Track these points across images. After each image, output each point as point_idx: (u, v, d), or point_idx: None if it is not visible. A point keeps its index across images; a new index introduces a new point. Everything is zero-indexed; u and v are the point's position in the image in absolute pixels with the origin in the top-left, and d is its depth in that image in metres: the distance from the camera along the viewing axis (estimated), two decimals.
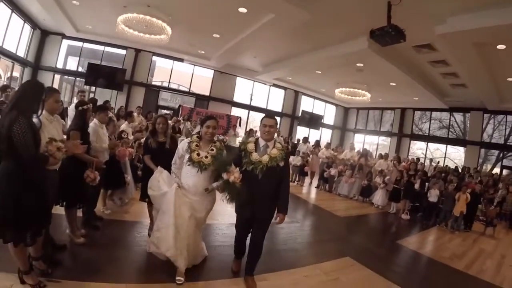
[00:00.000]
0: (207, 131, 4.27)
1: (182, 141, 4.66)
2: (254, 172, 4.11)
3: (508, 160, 18.67)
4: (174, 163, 4.45)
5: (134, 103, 17.57)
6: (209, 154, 4.21)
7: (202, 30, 13.64)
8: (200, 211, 4.31)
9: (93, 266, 4.21)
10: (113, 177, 6.35)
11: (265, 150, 4.23)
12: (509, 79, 13.21)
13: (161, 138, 5.48)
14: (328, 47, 13.49)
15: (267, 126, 4.28)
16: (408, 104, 21.50)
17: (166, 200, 4.13)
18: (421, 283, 5.87)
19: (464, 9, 8.62)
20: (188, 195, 4.21)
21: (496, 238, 10.42)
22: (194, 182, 4.22)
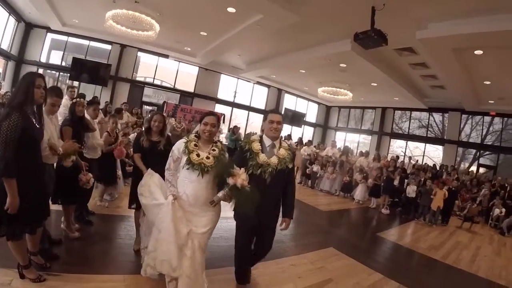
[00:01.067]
0: (205, 129, 3.60)
1: None
2: (262, 176, 3.66)
3: (484, 158, 19.37)
4: (168, 168, 3.67)
5: (119, 99, 17.47)
6: (211, 155, 3.56)
7: (190, 27, 13.66)
8: (201, 225, 3.52)
9: (90, 259, 4.29)
10: (106, 173, 6.39)
11: (272, 151, 3.81)
12: (486, 82, 13.63)
13: (155, 137, 4.82)
14: (313, 48, 13.70)
15: (274, 122, 3.80)
16: (389, 103, 21.90)
17: (161, 215, 3.42)
18: (401, 270, 6.18)
19: (444, 16, 8.96)
20: (186, 206, 3.50)
21: (472, 232, 11.03)
22: (193, 189, 3.49)
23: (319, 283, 4.74)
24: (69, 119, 4.72)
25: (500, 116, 18.18)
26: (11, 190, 2.87)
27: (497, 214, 12.36)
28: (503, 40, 9.10)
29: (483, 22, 8.48)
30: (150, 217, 3.71)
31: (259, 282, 4.41)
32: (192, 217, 3.52)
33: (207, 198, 3.50)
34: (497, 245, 9.83)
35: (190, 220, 3.50)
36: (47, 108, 3.71)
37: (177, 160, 3.65)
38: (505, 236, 11.17)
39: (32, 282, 3.35)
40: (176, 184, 3.62)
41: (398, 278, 5.48)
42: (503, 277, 6.75)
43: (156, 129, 4.83)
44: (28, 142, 3.03)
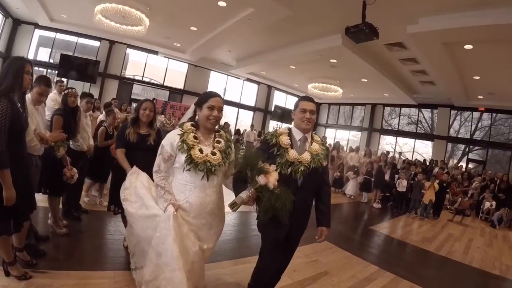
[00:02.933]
0: (211, 115, 2.86)
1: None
2: (293, 176, 2.92)
3: (473, 153, 19.65)
4: (158, 170, 2.91)
5: (108, 96, 17.15)
6: (216, 149, 2.90)
7: (180, 22, 13.53)
8: (208, 240, 2.95)
9: (78, 256, 4.13)
10: (97, 169, 6.12)
11: (304, 145, 3.11)
12: (475, 78, 13.72)
13: (143, 129, 4.23)
14: (303, 43, 13.65)
15: (307, 112, 3.06)
16: (379, 100, 22.00)
17: (160, 234, 2.67)
18: (396, 262, 6.22)
19: (435, 10, 8.99)
20: (190, 218, 2.82)
21: (463, 225, 11.20)
22: (199, 196, 2.82)
23: (315, 276, 4.72)
24: (61, 109, 4.61)
25: (489, 112, 18.39)
26: (7, 182, 2.76)
27: (487, 207, 12.62)
28: (492, 35, 9.18)
29: (473, 16, 8.51)
30: (142, 233, 2.92)
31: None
32: (198, 231, 2.85)
33: (216, 204, 2.93)
34: (488, 237, 10.01)
35: (199, 236, 2.85)
36: (34, 97, 3.61)
37: (170, 158, 2.87)
38: (496, 229, 11.42)
39: (18, 280, 3.20)
40: (172, 191, 2.86)
41: (393, 269, 5.52)
42: (496, 267, 6.87)
43: (146, 119, 4.20)
44: (14, 131, 2.87)
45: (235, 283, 4.10)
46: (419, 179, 11.76)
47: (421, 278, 5.43)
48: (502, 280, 6.22)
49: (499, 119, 18.41)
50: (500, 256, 7.93)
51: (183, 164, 2.78)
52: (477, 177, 14.60)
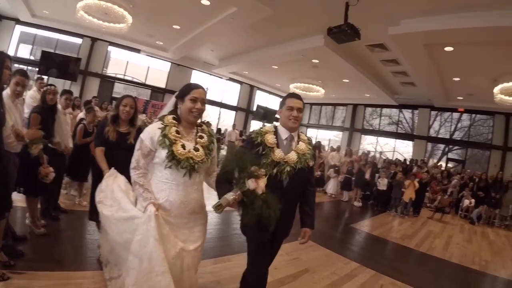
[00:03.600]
0: (193, 107, 2.66)
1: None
2: (278, 177, 2.81)
3: (453, 153, 20.07)
4: (137, 166, 2.67)
5: (89, 94, 16.72)
6: (199, 144, 2.71)
7: (163, 20, 13.40)
8: (192, 240, 2.71)
9: (57, 256, 4.03)
10: (76, 167, 5.97)
11: (290, 145, 2.99)
12: (455, 79, 13.95)
13: (123, 127, 4.02)
14: (286, 43, 13.66)
15: (294, 109, 2.94)
16: (360, 100, 22.20)
17: (141, 236, 2.43)
18: (377, 259, 6.29)
19: (416, 12, 9.11)
20: (170, 218, 2.60)
21: (443, 222, 11.47)
22: (180, 194, 2.62)
23: (296, 274, 4.76)
24: (39, 106, 4.55)
25: (468, 113, 18.76)
26: None
27: (466, 205, 12.90)
28: (472, 37, 9.32)
29: (454, 19, 8.65)
30: (118, 238, 2.66)
31: (235, 275, 4.04)
32: (179, 230, 2.64)
33: (198, 203, 2.74)
34: (468, 234, 10.23)
35: (178, 235, 2.60)
36: (12, 88, 3.54)
37: (149, 154, 2.64)
38: (475, 226, 11.73)
39: None
40: (151, 189, 2.64)
41: (374, 266, 5.60)
42: (476, 262, 7.03)
43: (126, 116, 3.99)
44: None
45: (215, 281, 4.10)
46: (399, 177, 11.92)
47: (401, 273, 5.52)
48: (482, 275, 6.36)
49: (478, 120, 18.76)
50: (480, 251, 8.13)
51: (164, 161, 2.56)
52: (456, 176, 14.89)
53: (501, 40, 9.21)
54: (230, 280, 4.08)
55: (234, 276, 4.07)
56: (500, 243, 9.76)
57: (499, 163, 16.86)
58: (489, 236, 10.44)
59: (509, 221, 12.32)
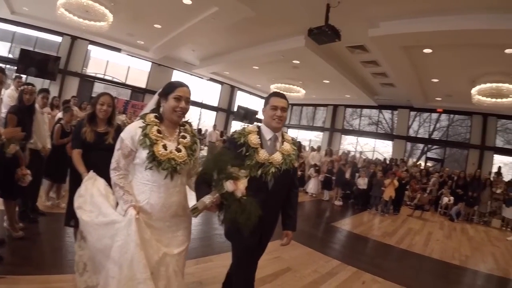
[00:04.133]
0: (177, 106, 2.53)
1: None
2: (263, 178, 2.74)
3: (432, 152, 20.55)
4: (117, 167, 2.50)
5: (68, 94, 16.20)
6: (181, 145, 2.59)
7: (144, 19, 13.27)
8: (176, 244, 2.57)
9: (37, 259, 3.96)
10: (55, 169, 5.88)
11: (274, 145, 2.90)
12: (434, 80, 14.19)
13: (101, 127, 3.81)
14: (267, 43, 13.66)
15: (278, 109, 2.85)
16: (340, 101, 22.37)
17: (121, 242, 2.27)
18: (358, 256, 6.38)
19: (396, 15, 9.22)
20: (151, 221, 2.46)
21: (423, 219, 11.66)
22: (161, 197, 2.48)
23: (277, 272, 4.77)
24: (16, 106, 4.46)
25: (447, 113, 19.19)
26: None
27: (445, 202, 13.22)
28: (450, 40, 9.54)
29: (433, 22, 8.81)
30: (97, 243, 2.48)
31: (217, 275, 4.14)
32: (162, 234, 2.49)
33: (180, 205, 2.60)
34: (447, 230, 10.45)
35: (160, 239, 2.46)
36: None
37: (130, 154, 2.49)
38: (454, 222, 12.01)
39: None
40: (132, 191, 2.49)
41: (355, 263, 5.67)
42: (456, 257, 7.20)
43: (104, 115, 3.77)
44: None
45: (197, 282, 4.08)
46: (379, 177, 12.09)
47: (382, 270, 5.60)
48: (462, 270, 6.51)
49: (457, 120, 19.22)
50: (459, 247, 8.32)
51: (144, 162, 2.43)
52: (435, 174, 15.19)
53: (479, 43, 9.43)
54: (212, 281, 4.06)
55: (216, 276, 4.09)
56: (479, 238, 10.01)
57: (477, 161, 17.29)
58: (468, 232, 10.70)
59: (488, 217, 12.76)
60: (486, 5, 7.94)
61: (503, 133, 17.65)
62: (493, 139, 17.49)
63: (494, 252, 8.51)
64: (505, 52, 9.71)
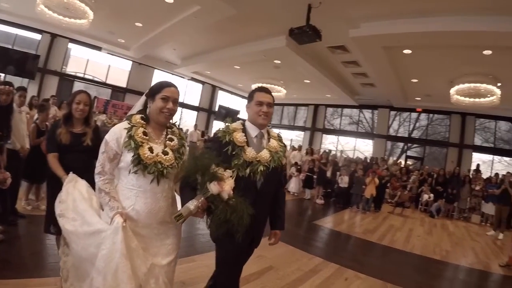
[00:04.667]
0: (164, 107, 2.40)
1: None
2: (252, 178, 2.57)
3: (411, 151, 20.94)
4: (102, 172, 2.33)
5: (47, 93, 15.89)
6: (169, 148, 2.44)
7: (125, 17, 13.11)
8: (164, 253, 2.41)
9: (17, 263, 3.83)
10: (33, 170, 5.70)
11: (261, 142, 2.76)
12: (413, 80, 14.42)
13: (78, 127, 3.51)
14: (249, 43, 13.69)
15: (264, 105, 2.70)
16: (321, 101, 22.53)
17: (106, 251, 2.10)
18: (340, 253, 6.46)
19: (376, 16, 9.35)
20: (138, 229, 2.30)
21: (404, 216, 11.88)
22: (147, 202, 2.33)
23: (260, 271, 4.77)
24: None
25: (426, 113, 19.62)
26: None
27: (426, 199, 13.54)
28: (430, 41, 9.73)
29: (412, 23, 8.98)
30: (83, 252, 2.29)
31: (199, 275, 4.14)
32: (149, 243, 2.34)
33: (168, 212, 2.43)
34: (428, 226, 10.64)
35: (147, 248, 2.31)
36: None
37: (116, 157, 2.33)
38: (435, 218, 12.28)
39: None
40: (118, 197, 2.33)
41: (337, 260, 5.71)
42: (437, 252, 7.34)
43: (80, 114, 3.47)
44: None
45: (179, 282, 4.01)
46: (360, 175, 12.24)
47: (365, 266, 5.67)
48: (443, 264, 6.64)
49: (436, 119, 19.69)
50: (440, 242, 8.49)
51: (129, 165, 2.28)
52: (415, 172, 15.53)
53: (457, 44, 9.65)
54: (195, 281, 4.05)
55: (198, 276, 4.09)
56: (459, 234, 10.23)
57: (456, 159, 17.75)
58: (448, 228, 10.93)
59: (467, 213, 13.14)
60: (464, 8, 8.13)
61: (481, 131, 18.18)
62: (471, 138, 17.98)
63: (474, 246, 8.72)
64: (483, 53, 9.94)
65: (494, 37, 8.69)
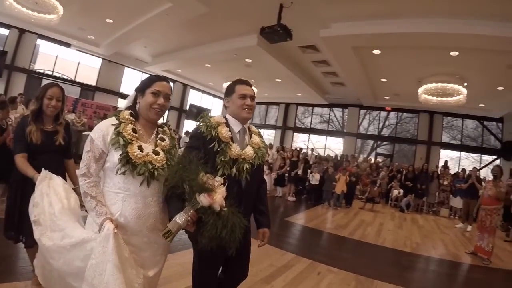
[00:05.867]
0: (155, 102, 2.20)
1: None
2: (237, 177, 2.40)
3: (381, 149, 21.42)
4: (87, 173, 2.07)
5: (14, 91, 15.50)
6: (160, 147, 2.25)
7: (96, 13, 12.75)
8: (151, 264, 2.21)
9: None
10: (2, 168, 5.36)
11: (243, 139, 2.59)
12: (383, 80, 14.73)
13: (48, 125, 3.18)
14: (220, 41, 13.69)
15: (247, 97, 2.54)
16: (292, 99, 22.77)
17: (96, 261, 1.86)
18: (312, 248, 6.54)
19: (347, 17, 9.51)
20: (127, 237, 2.04)
21: (374, 211, 12.13)
22: (137, 208, 2.09)
23: None
24: None
25: (395, 111, 20.14)
26: None
27: (395, 194, 13.89)
28: (398, 42, 9.99)
29: (382, 24, 9.20)
30: (66, 268, 2.03)
31: (171, 274, 4.03)
32: (138, 253, 2.11)
33: (159, 218, 2.20)
34: (398, 221, 10.91)
35: (135, 258, 2.06)
36: None
37: (102, 157, 2.11)
38: (404, 213, 12.61)
39: None
40: (104, 201, 2.09)
41: (310, 256, 5.77)
42: (407, 245, 7.54)
43: (52, 111, 3.14)
44: None
45: None
46: (331, 172, 12.39)
47: (337, 260, 5.73)
48: (414, 256, 6.82)
49: (405, 118, 20.27)
50: (410, 235, 8.71)
51: (116, 165, 2.06)
52: (384, 168, 16.04)
53: (425, 45, 9.89)
54: (167, 280, 3.97)
55: (171, 275, 4.05)
56: (429, 227, 10.54)
57: (424, 156, 18.38)
58: (418, 222, 11.21)
59: (436, 207, 13.62)
60: (432, 10, 8.37)
61: (449, 129, 18.96)
62: (439, 135, 18.66)
63: (444, 238, 8.99)
64: (451, 54, 10.22)
65: (461, 39, 8.99)
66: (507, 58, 9.81)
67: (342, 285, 4.72)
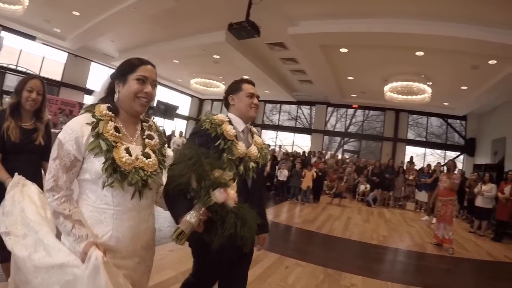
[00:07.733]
0: (141, 91, 1.76)
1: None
2: (243, 176, 2.29)
3: (348, 145, 21.79)
4: (55, 187, 1.60)
5: None
6: (150, 147, 1.84)
7: (62, 5, 12.31)
8: (142, 282, 1.90)
9: None
10: None
11: (247, 138, 2.50)
12: (349, 78, 14.91)
13: (27, 122, 2.85)
14: (188, 37, 13.60)
15: (254, 96, 2.52)
16: (260, 96, 22.39)
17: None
18: (280, 243, 6.54)
19: (315, 15, 9.57)
20: (118, 260, 1.65)
21: (342, 206, 12.36)
22: (130, 226, 1.69)
23: None
24: None
25: (362, 109, 20.49)
26: None
27: (362, 189, 14.19)
28: (365, 41, 10.16)
29: (349, 23, 9.30)
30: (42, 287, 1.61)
31: (153, 270, 3.91)
32: (133, 275, 1.74)
33: (152, 233, 1.92)
34: (365, 215, 11.16)
35: (132, 282, 1.68)
36: None
37: (75, 165, 1.64)
38: (371, 207, 12.92)
39: None
40: (83, 219, 1.64)
41: (278, 250, 5.80)
42: (374, 238, 7.74)
43: (32, 105, 2.81)
44: None
45: None
46: (298, 168, 12.55)
47: (305, 254, 5.82)
48: (381, 248, 7.01)
49: (371, 115, 20.70)
50: (377, 229, 8.93)
51: (100, 176, 1.61)
52: (350, 164, 16.42)
53: (391, 45, 10.08)
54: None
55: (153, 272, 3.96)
56: (395, 220, 10.81)
57: (390, 152, 18.88)
58: (385, 215, 11.50)
59: (402, 201, 14.05)
60: (398, 11, 8.53)
61: (414, 127, 19.64)
62: (405, 133, 19.25)
63: (410, 231, 9.25)
64: (416, 54, 10.44)
65: (426, 40, 9.17)
66: (471, 59, 10.09)
67: (310, 278, 4.77)
